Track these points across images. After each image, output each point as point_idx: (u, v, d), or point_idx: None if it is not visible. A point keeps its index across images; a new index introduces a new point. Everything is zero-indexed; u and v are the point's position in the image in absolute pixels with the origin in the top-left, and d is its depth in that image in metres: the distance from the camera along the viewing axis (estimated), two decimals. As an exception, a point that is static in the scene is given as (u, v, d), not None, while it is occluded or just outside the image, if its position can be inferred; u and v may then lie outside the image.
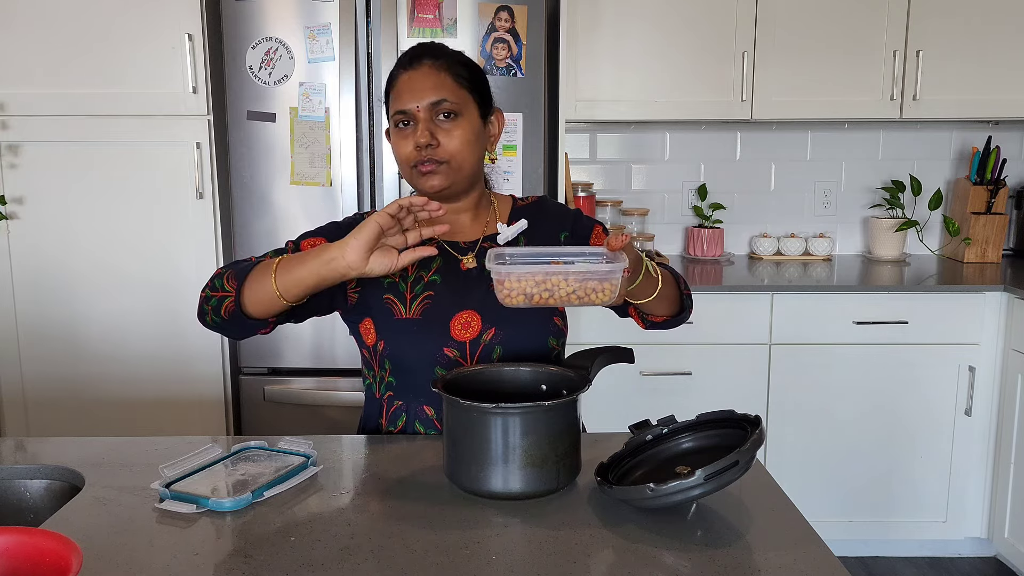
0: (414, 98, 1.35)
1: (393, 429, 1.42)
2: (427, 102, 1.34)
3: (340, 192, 2.54)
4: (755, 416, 1.12)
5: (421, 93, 1.34)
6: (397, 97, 1.37)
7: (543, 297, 1.14)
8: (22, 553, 0.82)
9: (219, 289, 1.28)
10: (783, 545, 1.01)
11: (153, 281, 2.64)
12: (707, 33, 2.81)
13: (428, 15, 2.49)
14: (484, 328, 1.38)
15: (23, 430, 2.70)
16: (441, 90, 1.35)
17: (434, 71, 1.36)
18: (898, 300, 2.66)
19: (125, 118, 2.56)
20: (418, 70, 1.36)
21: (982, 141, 3.14)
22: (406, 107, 1.35)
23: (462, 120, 1.36)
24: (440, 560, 0.97)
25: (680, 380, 2.69)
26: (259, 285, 1.25)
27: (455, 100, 1.36)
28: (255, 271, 1.26)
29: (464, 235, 1.44)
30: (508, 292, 1.14)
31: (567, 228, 1.49)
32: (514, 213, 1.49)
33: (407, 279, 1.40)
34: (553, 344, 1.42)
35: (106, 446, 1.34)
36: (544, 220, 1.48)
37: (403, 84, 1.37)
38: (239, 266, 1.30)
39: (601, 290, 1.16)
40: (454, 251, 1.43)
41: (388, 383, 1.42)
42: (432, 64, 1.37)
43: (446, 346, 1.37)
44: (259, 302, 1.26)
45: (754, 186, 3.27)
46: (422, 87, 1.35)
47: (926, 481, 2.74)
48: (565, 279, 1.14)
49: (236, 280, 1.26)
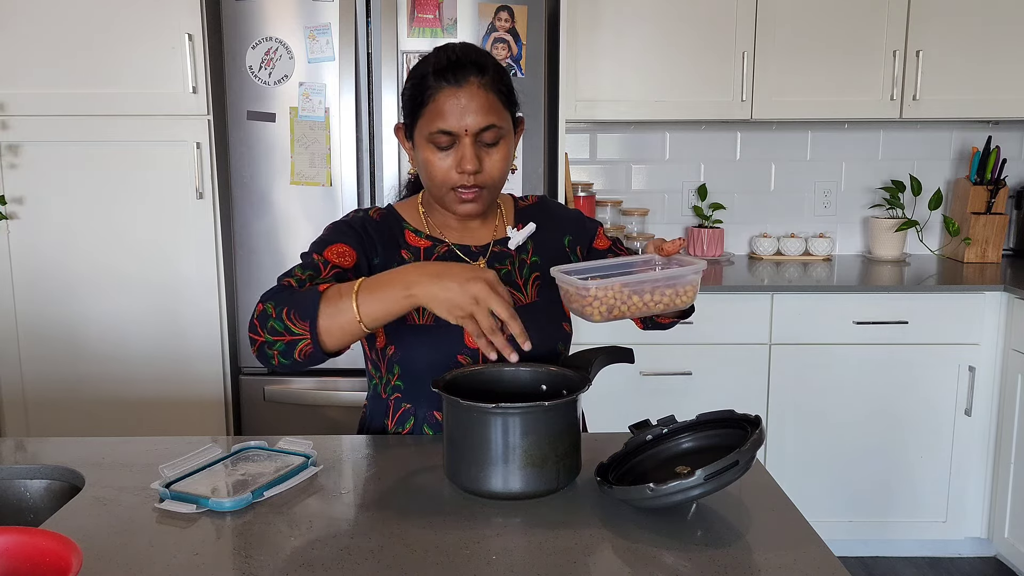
0: (462, 121, 1.26)
1: (401, 431, 1.40)
2: (477, 127, 1.27)
3: (340, 192, 2.54)
4: (755, 416, 1.12)
5: (471, 116, 1.26)
6: (439, 115, 1.27)
7: (632, 306, 1.18)
8: (22, 553, 0.82)
9: (283, 332, 1.16)
10: (783, 545, 1.01)
11: (153, 281, 2.64)
12: (707, 33, 2.81)
13: (428, 15, 2.49)
14: None
15: (23, 430, 2.70)
16: (491, 114, 1.28)
17: (483, 92, 1.28)
18: (898, 300, 2.66)
19: (125, 118, 2.56)
20: (465, 88, 1.27)
21: (982, 141, 3.14)
22: (451, 128, 1.27)
23: (504, 143, 1.31)
24: (440, 560, 0.97)
25: (680, 380, 2.69)
26: (341, 325, 1.14)
27: (502, 124, 1.30)
28: (326, 305, 1.14)
29: (475, 239, 1.43)
30: (593, 306, 1.16)
31: (570, 231, 1.48)
32: (519, 215, 1.48)
33: None
34: (561, 349, 1.43)
35: (106, 446, 1.34)
36: (550, 222, 1.47)
37: (447, 101, 1.27)
38: (291, 298, 1.18)
39: (684, 293, 1.19)
40: (466, 256, 1.41)
41: (396, 386, 1.40)
42: (480, 83, 1.28)
43: (459, 353, 1.35)
44: (340, 338, 1.16)
45: (754, 186, 3.27)
46: (470, 109, 1.26)
47: (926, 481, 2.74)
48: (653, 287, 1.17)
49: (303, 318, 1.14)
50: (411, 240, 1.40)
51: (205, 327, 2.66)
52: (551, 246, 1.45)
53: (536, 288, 1.42)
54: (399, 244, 1.39)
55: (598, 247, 1.50)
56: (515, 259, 1.42)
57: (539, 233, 1.45)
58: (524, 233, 1.42)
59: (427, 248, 1.39)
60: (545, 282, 1.42)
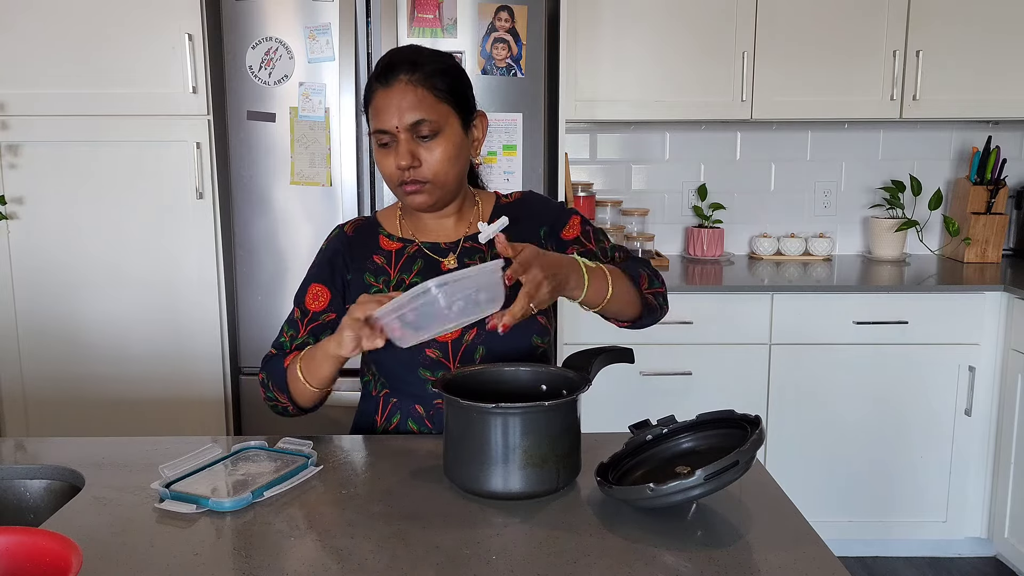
0: (392, 118, 1.31)
1: (388, 427, 1.43)
2: (406, 122, 1.31)
3: (340, 192, 2.54)
4: (755, 416, 1.12)
5: (399, 113, 1.31)
6: (375, 115, 1.34)
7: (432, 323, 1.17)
8: (22, 553, 0.82)
9: (276, 400, 1.41)
10: (783, 545, 1.01)
11: (153, 281, 2.64)
12: (707, 33, 2.81)
13: (428, 15, 2.49)
14: (466, 328, 1.36)
15: (23, 430, 2.70)
16: (419, 109, 1.31)
17: (411, 87, 1.31)
18: (898, 300, 2.66)
19: (125, 118, 2.56)
20: (394, 87, 1.31)
21: (982, 141, 3.14)
22: (385, 127, 1.32)
23: (443, 137, 1.34)
24: (440, 560, 0.97)
25: (680, 380, 2.69)
26: (300, 391, 1.37)
27: (434, 118, 1.32)
28: (289, 380, 1.37)
29: (446, 236, 1.45)
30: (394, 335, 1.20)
31: (547, 223, 1.47)
32: (497, 211, 1.48)
33: (389, 283, 1.41)
34: (538, 342, 1.41)
35: (106, 446, 1.34)
36: (526, 216, 1.46)
37: (380, 101, 1.33)
38: (274, 371, 1.40)
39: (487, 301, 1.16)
40: (434, 253, 1.43)
41: (383, 382, 1.45)
42: (408, 80, 1.31)
43: (428, 347, 1.36)
44: (309, 400, 1.39)
45: (754, 186, 3.27)
46: (399, 106, 1.31)
47: (926, 481, 2.74)
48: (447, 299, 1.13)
49: (282, 391, 1.39)
50: (384, 245, 1.46)
51: (205, 327, 2.66)
52: (527, 238, 1.41)
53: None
54: (371, 251, 1.45)
55: (565, 236, 1.47)
56: (486, 254, 1.43)
57: (516, 226, 1.40)
58: (494, 227, 1.38)
59: (398, 250, 1.45)
60: None
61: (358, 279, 1.43)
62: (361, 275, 1.43)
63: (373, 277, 1.42)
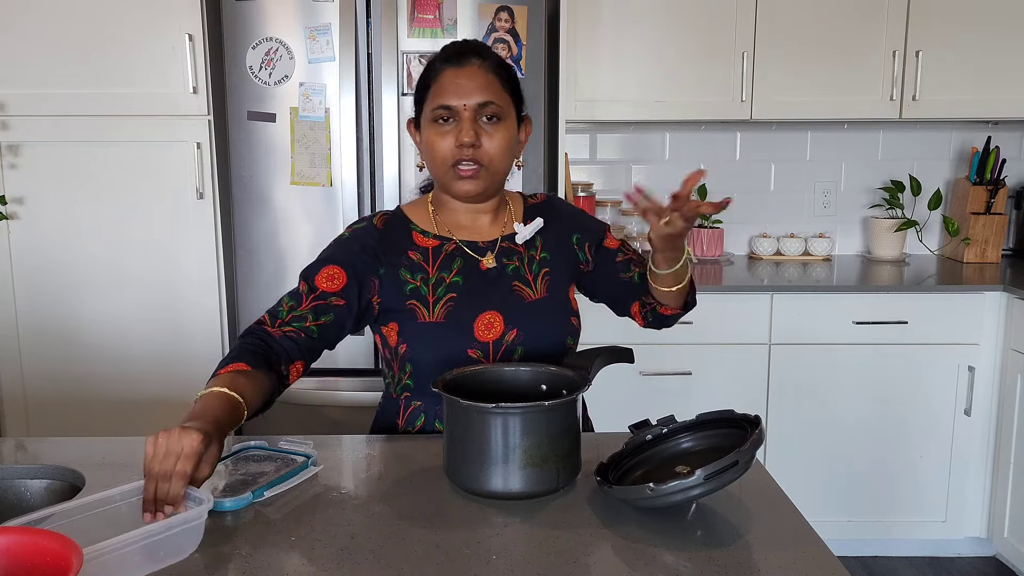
0: (461, 96, 1.34)
1: (412, 429, 1.42)
2: (475, 102, 1.34)
3: (340, 192, 2.54)
4: (755, 416, 1.13)
5: (469, 92, 1.34)
6: (441, 92, 1.35)
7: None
8: (22, 553, 0.82)
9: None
10: (783, 545, 1.01)
11: (153, 281, 2.64)
12: (707, 33, 2.81)
13: (428, 15, 2.49)
14: (507, 329, 1.38)
15: (23, 430, 2.70)
16: (489, 91, 1.35)
17: (483, 72, 1.36)
18: (898, 300, 2.66)
19: (125, 118, 2.56)
20: (466, 68, 1.35)
21: (982, 141, 3.14)
22: (452, 103, 1.34)
23: (503, 124, 1.37)
24: (440, 560, 0.97)
25: (680, 380, 2.69)
26: None
27: (500, 103, 1.36)
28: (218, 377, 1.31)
29: (483, 235, 1.45)
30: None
31: (578, 229, 1.51)
32: (528, 212, 1.50)
33: (428, 281, 1.39)
34: (571, 343, 1.45)
35: (106, 446, 1.34)
36: (558, 219, 1.50)
37: (448, 80, 1.35)
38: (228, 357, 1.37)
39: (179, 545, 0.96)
40: (473, 252, 1.43)
41: (406, 385, 1.42)
42: (481, 64, 1.36)
43: (470, 348, 1.37)
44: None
45: (754, 186, 3.27)
46: (470, 86, 1.34)
47: (926, 481, 2.74)
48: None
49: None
50: (419, 241, 1.43)
51: (205, 327, 2.66)
52: (560, 242, 1.48)
53: (546, 284, 1.44)
54: (405, 247, 1.42)
55: (609, 246, 1.52)
56: (523, 255, 1.45)
57: (548, 230, 1.48)
58: (531, 228, 1.45)
59: (435, 247, 1.42)
60: (554, 278, 1.45)
61: (392, 275, 1.39)
62: (396, 271, 1.39)
63: (409, 274, 1.39)
